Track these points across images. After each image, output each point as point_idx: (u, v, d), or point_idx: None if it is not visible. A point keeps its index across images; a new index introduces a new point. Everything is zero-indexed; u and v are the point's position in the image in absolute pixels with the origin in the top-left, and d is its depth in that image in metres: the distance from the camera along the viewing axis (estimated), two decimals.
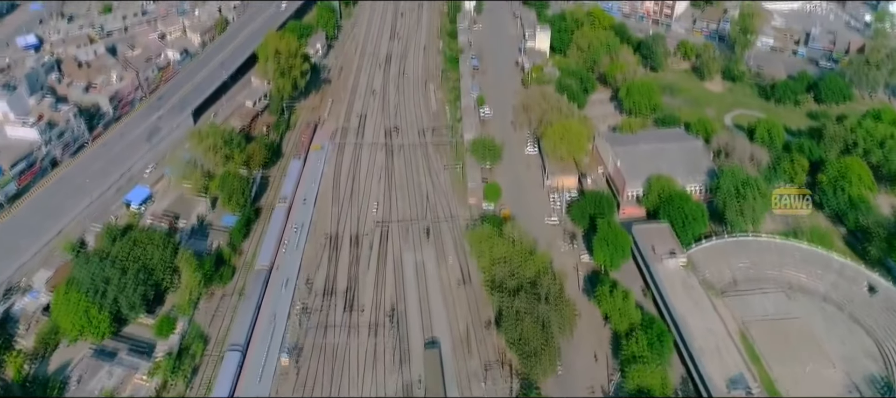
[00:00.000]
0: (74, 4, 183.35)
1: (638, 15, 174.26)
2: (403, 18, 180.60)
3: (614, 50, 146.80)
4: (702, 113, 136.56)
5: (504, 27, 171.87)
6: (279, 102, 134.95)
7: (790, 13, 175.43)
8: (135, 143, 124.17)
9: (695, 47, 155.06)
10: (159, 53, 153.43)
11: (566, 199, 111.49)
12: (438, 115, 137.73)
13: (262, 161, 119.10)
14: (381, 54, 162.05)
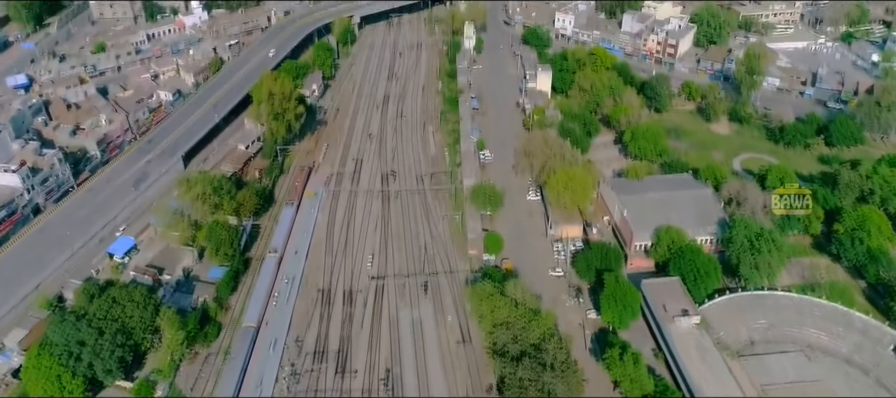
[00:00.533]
0: (68, 44, 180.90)
1: (640, 54, 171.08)
2: (402, 58, 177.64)
3: (618, 91, 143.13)
4: (709, 157, 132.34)
5: (504, 67, 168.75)
6: (272, 146, 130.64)
7: (795, 53, 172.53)
8: (121, 190, 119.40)
9: (700, 88, 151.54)
10: (151, 94, 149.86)
11: (571, 249, 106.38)
12: (437, 159, 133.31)
13: (253, 209, 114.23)
14: (379, 95, 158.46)
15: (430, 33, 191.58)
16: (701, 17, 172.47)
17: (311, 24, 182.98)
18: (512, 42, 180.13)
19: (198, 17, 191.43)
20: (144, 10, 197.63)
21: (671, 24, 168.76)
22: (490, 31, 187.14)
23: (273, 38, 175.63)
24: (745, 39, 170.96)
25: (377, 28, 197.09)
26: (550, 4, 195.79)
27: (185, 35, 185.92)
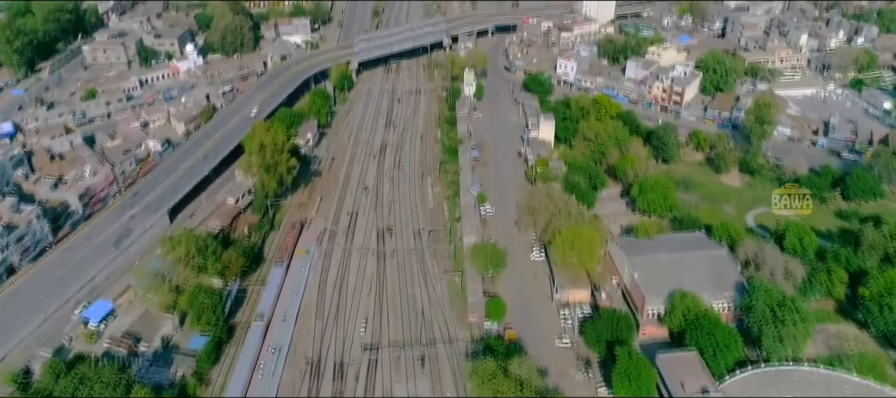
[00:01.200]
0: (58, 90, 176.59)
1: (645, 102, 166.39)
2: (400, 105, 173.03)
3: (623, 142, 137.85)
4: (721, 212, 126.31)
5: (505, 114, 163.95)
6: (263, 200, 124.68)
7: (804, 100, 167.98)
8: (101, 248, 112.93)
9: (708, 137, 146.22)
10: (140, 144, 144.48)
11: (578, 316, 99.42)
12: (436, 214, 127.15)
13: (240, 270, 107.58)
14: (376, 144, 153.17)
15: (429, 79, 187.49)
16: (706, 63, 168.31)
17: (307, 70, 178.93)
18: (513, 88, 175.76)
19: (192, 62, 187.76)
20: (138, 55, 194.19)
21: (676, 71, 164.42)
22: (490, 77, 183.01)
23: (268, 84, 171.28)
24: (752, 87, 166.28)
25: (375, 73, 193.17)
26: (552, 51, 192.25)
27: (179, 81, 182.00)
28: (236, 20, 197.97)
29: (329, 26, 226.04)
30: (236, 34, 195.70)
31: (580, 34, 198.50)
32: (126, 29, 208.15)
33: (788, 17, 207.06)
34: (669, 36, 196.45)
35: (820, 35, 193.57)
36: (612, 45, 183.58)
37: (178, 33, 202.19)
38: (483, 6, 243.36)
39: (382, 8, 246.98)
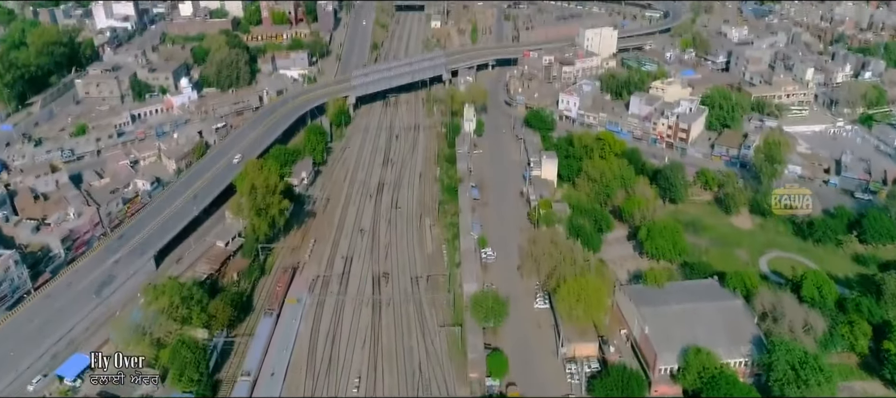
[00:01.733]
0: (49, 125, 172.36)
1: (650, 138, 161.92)
2: (398, 141, 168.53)
3: (629, 182, 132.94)
4: (733, 256, 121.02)
5: (506, 151, 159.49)
6: (253, 244, 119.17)
7: (813, 137, 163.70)
8: (82, 296, 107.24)
9: (716, 176, 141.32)
10: (128, 183, 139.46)
11: (586, 371, 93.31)
12: (435, 258, 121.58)
13: (227, 320, 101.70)
14: (373, 182, 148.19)
15: (428, 114, 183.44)
16: (712, 99, 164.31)
17: (303, 105, 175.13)
18: (514, 124, 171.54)
19: (187, 96, 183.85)
20: (132, 89, 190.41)
21: (681, 107, 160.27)
22: (491, 113, 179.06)
23: (263, 120, 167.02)
24: (759, 123, 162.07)
25: (373, 108, 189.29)
26: (554, 85, 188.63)
27: (173, 116, 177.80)
28: (232, 54, 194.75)
29: (327, 59, 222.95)
30: (232, 68, 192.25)
31: (582, 68, 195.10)
32: (120, 62, 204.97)
33: (793, 51, 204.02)
34: (673, 70, 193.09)
35: (826, 69, 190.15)
36: (615, 79, 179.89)
37: (173, 67, 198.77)
38: (483, 39, 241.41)
39: (382, 41, 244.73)
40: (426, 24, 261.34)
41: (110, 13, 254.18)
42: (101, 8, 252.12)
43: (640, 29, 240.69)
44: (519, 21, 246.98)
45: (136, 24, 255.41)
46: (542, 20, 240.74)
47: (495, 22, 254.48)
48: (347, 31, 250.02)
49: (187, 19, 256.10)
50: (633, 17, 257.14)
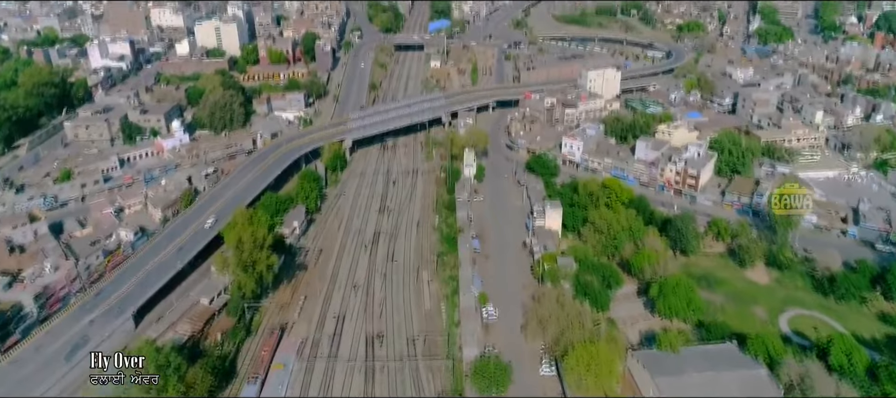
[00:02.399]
0: (33, 169, 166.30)
1: (658, 185, 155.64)
2: (395, 187, 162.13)
3: (638, 233, 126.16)
4: (750, 314, 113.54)
5: (508, 197, 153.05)
6: (239, 302, 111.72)
7: (826, 183, 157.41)
8: (52, 361, 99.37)
9: (729, 226, 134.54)
10: (111, 233, 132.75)
11: None
12: (432, 317, 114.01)
13: (207, 389, 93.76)
14: (368, 232, 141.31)
15: (427, 158, 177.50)
16: (721, 144, 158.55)
17: (298, 149, 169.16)
18: (516, 169, 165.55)
19: (178, 139, 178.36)
20: (123, 132, 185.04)
21: (689, 152, 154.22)
22: (491, 156, 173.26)
23: (256, 165, 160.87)
24: (771, 169, 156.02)
25: (370, 152, 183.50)
26: (557, 128, 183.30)
27: (163, 160, 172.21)
28: (226, 95, 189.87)
29: (324, 100, 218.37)
30: (226, 110, 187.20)
31: (585, 110, 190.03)
32: (112, 103, 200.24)
33: (801, 93, 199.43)
34: (678, 113, 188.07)
35: (836, 112, 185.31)
36: (620, 123, 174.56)
37: (166, 109, 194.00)
38: (484, 79, 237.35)
39: (380, 81, 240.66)
40: (425, 64, 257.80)
41: (105, 53, 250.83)
42: (96, 48, 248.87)
43: (643, 70, 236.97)
44: (520, 61, 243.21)
45: (131, 64, 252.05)
46: (543, 61, 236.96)
47: (496, 62, 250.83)
48: (346, 70, 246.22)
49: (183, 59, 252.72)
50: (635, 57, 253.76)
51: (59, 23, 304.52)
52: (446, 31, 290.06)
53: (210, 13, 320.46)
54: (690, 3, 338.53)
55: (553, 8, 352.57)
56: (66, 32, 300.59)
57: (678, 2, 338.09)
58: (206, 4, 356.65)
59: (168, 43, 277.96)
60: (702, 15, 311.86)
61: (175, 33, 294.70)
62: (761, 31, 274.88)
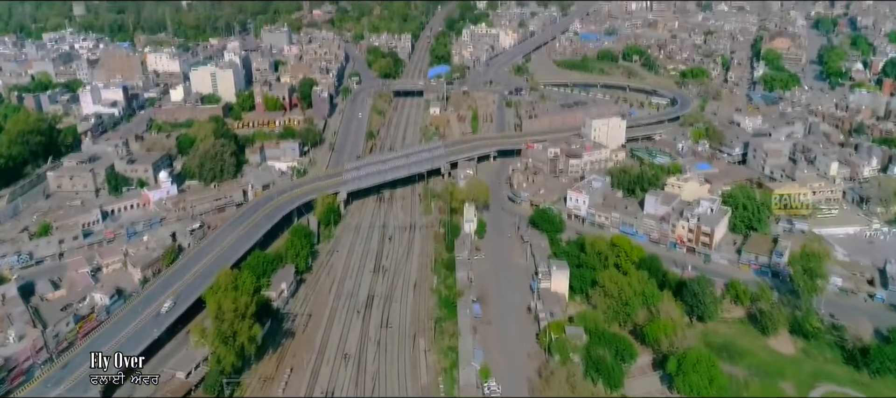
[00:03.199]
0: (11, 223, 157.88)
1: (669, 241, 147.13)
2: (391, 243, 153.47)
3: (652, 299, 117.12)
4: (777, 389, 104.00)
5: (511, 255, 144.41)
6: (218, 378, 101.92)
7: (847, 240, 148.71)
8: None
9: (748, 289, 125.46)
10: (85, 296, 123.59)
11: None
12: (429, 392, 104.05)
13: None
14: (361, 295, 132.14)
15: (425, 212, 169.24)
16: (735, 198, 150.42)
17: (290, 202, 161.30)
18: (518, 223, 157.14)
19: (165, 191, 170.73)
20: (108, 182, 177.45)
21: (702, 207, 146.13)
22: (493, 210, 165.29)
23: (245, 219, 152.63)
24: (789, 226, 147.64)
25: (366, 203, 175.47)
26: (561, 179, 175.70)
27: (149, 212, 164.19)
28: (217, 145, 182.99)
29: (320, 149, 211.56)
30: (216, 160, 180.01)
31: (590, 161, 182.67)
32: (99, 152, 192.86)
33: (813, 142, 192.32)
34: (687, 163, 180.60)
35: (851, 163, 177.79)
36: (627, 175, 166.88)
37: (155, 158, 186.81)
38: (484, 127, 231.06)
39: (378, 128, 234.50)
40: (425, 111, 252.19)
41: (98, 98, 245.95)
42: (88, 93, 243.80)
43: (649, 117, 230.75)
44: (521, 108, 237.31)
45: (124, 110, 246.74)
46: (545, 108, 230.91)
47: (496, 109, 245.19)
48: (343, 117, 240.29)
49: (177, 105, 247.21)
50: (640, 104, 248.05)
51: (54, 67, 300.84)
52: (446, 77, 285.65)
53: (207, 58, 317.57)
54: (693, 49, 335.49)
55: (554, 53, 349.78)
56: (60, 77, 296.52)
57: (680, 48, 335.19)
58: (204, 49, 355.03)
59: (163, 88, 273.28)
60: (705, 61, 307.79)
61: (171, 78, 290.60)
62: (767, 78, 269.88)
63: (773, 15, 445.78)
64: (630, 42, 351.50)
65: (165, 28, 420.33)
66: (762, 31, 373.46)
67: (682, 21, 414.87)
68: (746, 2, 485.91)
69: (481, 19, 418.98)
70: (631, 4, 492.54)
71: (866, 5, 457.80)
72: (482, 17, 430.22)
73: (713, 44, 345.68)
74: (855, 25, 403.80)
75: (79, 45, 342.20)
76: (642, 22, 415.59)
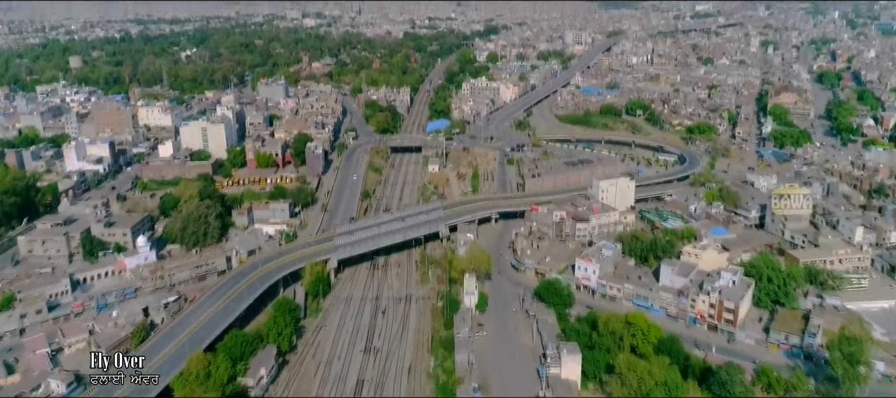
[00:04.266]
0: None
1: (688, 317, 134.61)
2: (385, 318, 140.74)
3: (676, 391, 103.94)
4: None
5: (515, 333, 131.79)
6: None
7: (881, 315, 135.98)
8: None
9: (782, 377, 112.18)
10: (39, 384, 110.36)
11: None
12: None
13: None
14: (350, 379, 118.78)
15: (422, 281, 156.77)
16: (758, 269, 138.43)
17: (276, 271, 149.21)
18: (523, 296, 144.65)
19: (143, 256, 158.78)
20: (83, 247, 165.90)
21: (723, 280, 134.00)
22: (496, 280, 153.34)
23: (226, 290, 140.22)
24: (819, 301, 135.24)
25: (359, 271, 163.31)
26: (567, 245, 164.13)
27: (124, 280, 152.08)
28: (201, 207, 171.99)
29: (312, 209, 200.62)
30: (199, 223, 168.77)
31: (598, 225, 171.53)
32: (77, 214, 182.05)
33: (833, 205, 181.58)
34: (701, 228, 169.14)
35: (876, 227, 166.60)
36: (640, 242, 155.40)
37: (135, 220, 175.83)
38: (485, 185, 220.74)
39: (374, 187, 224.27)
40: (423, 168, 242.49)
41: (83, 155, 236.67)
42: (72, 149, 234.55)
43: (657, 177, 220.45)
44: (523, 166, 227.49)
45: (109, 167, 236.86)
46: (549, 167, 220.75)
47: (498, 166, 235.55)
48: (338, 175, 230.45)
49: (165, 162, 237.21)
50: (647, 163, 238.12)
51: (42, 121, 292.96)
52: (445, 132, 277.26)
53: (201, 112, 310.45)
54: (697, 103, 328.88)
55: (555, 107, 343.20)
56: (49, 131, 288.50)
57: (685, 102, 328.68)
58: (199, 103, 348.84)
59: (152, 144, 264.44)
60: (711, 116, 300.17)
61: (163, 133, 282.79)
62: (777, 134, 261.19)
63: (776, 69, 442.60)
64: (633, 96, 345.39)
65: (162, 80, 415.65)
66: (766, 86, 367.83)
67: (684, 75, 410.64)
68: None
69: (481, 72, 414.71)
70: (631, 58, 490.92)
71: (869, 59, 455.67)
72: (482, 71, 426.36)
73: (718, 98, 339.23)
74: (859, 80, 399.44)
75: (71, 98, 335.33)
76: (644, 75, 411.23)
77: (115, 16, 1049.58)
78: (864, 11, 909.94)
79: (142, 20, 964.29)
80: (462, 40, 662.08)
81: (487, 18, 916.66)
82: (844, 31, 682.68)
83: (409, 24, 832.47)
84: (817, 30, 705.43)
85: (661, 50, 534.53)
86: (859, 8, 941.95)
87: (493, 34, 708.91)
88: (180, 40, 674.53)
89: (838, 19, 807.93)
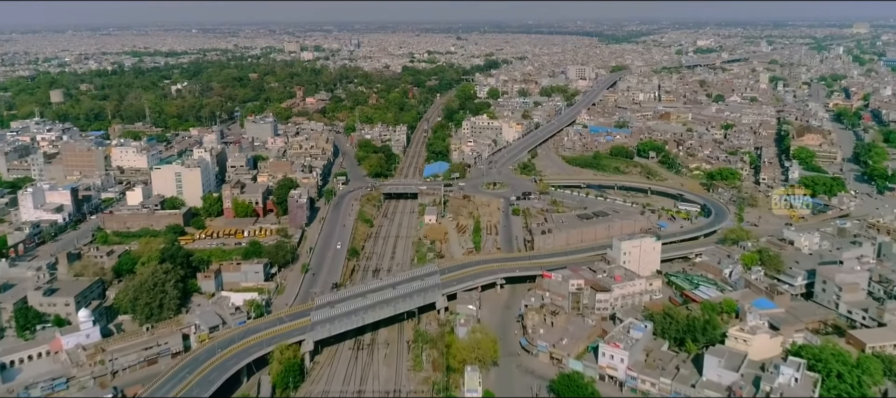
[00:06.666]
0: None
1: None
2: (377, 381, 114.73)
3: None
4: None
5: None
6: None
7: None
8: None
9: None
10: None
11: None
12: None
13: None
14: None
15: (415, 367, 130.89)
16: (825, 362, 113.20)
17: (240, 356, 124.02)
18: (537, 391, 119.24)
19: (84, 334, 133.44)
20: (16, 321, 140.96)
21: (783, 376, 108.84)
22: (503, 365, 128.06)
23: (177, 382, 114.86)
24: None
25: (340, 352, 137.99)
26: (587, 321, 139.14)
27: (58, 364, 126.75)
28: (158, 273, 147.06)
29: (291, 269, 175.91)
30: (154, 293, 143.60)
31: (621, 295, 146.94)
32: (16, 277, 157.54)
33: (890, 271, 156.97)
34: (742, 299, 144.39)
35: None
36: (675, 322, 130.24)
37: (81, 287, 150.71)
38: (488, 240, 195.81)
39: (363, 242, 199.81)
40: (419, 219, 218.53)
41: (41, 202, 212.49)
42: (29, 196, 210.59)
43: (682, 232, 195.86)
44: (531, 219, 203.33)
45: (71, 216, 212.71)
46: (559, 220, 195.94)
47: (502, 217, 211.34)
48: (323, 227, 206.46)
49: (132, 210, 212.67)
50: (670, 215, 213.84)
51: (6, 162, 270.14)
52: (444, 176, 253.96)
53: (181, 152, 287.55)
54: (714, 145, 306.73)
55: (561, 148, 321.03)
56: (13, 173, 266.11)
57: (700, 144, 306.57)
58: (181, 141, 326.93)
59: (123, 188, 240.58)
60: (730, 159, 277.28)
61: (137, 176, 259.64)
62: (807, 181, 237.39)
63: (790, 107, 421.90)
64: (644, 136, 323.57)
65: (145, 117, 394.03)
66: (785, 125, 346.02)
67: (695, 113, 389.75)
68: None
69: (483, 109, 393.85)
70: (638, 94, 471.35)
71: (886, 97, 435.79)
72: (483, 107, 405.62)
73: (734, 138, 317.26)
74: (880, 118, 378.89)
75: (41, 136, 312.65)
76: (653, 113, 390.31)
77: (112, 48, 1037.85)
78: (867, 47, 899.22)
79: (137, 52, 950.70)
80: (462, 75, 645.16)
81: (487, 53, 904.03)
82: (853, 67, 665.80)
83: (408, 58, 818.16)
84: (825, 66, 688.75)
85: (667, 86, 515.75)
86: (862, 45, 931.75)
87: (493, 68, 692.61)
88: (173, 73, 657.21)
89: (844, 55, 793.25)
